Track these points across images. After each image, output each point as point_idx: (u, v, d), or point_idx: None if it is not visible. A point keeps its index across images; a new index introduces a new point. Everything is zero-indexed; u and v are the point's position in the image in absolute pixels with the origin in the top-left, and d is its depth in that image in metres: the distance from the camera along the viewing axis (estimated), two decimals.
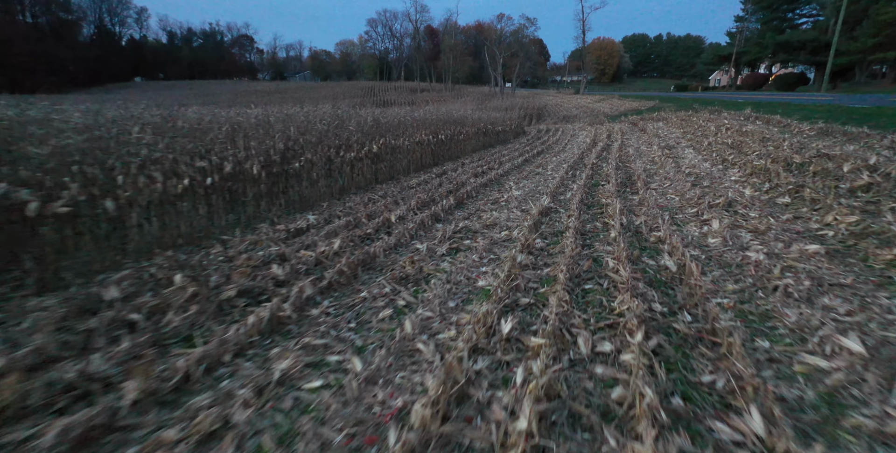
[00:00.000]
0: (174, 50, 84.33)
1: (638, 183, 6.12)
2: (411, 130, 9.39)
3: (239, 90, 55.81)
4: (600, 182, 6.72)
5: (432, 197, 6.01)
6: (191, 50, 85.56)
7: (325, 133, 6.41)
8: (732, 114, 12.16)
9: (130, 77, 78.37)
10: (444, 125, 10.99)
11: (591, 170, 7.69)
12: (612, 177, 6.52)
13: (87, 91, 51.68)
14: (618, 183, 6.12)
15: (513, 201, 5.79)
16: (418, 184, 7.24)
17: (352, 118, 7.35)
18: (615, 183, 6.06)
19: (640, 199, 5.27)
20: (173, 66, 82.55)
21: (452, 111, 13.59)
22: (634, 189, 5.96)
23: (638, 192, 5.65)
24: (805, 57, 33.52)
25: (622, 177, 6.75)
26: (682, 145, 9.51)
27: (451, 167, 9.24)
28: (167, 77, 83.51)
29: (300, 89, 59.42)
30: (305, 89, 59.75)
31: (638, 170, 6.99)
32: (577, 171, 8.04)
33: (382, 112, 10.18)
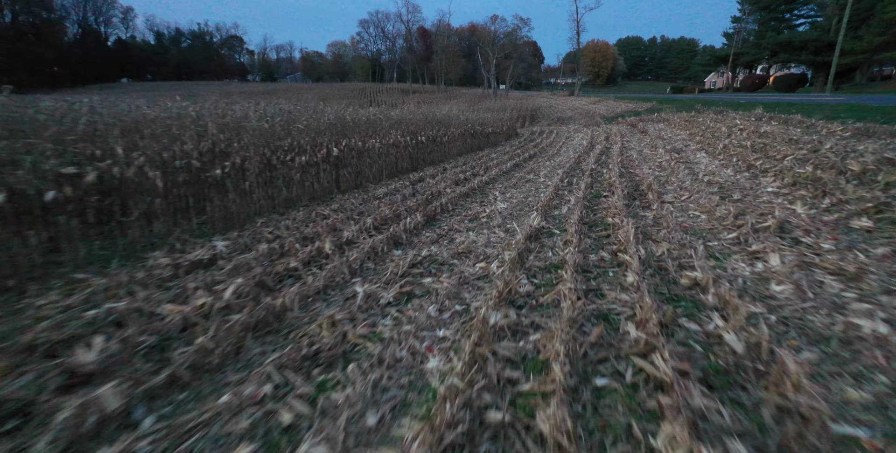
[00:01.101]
0: (162, 50, 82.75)
1: (649, 194, 5.00)
2: (385, 131, 8.25)
3: (225, 91, 54.46)
4: (602, 192, 5.60)
5: (398, 211, 4.86)
6: (179, 50, 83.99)
7: (268, 133, 5.24)
8: (741, 115, 11.13)
9: (117, 78, 76.66)
10: (426, 126, 9.86)
11: (591, 178, 6.58)
12: (617, 186, 5.41)
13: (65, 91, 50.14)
14: (624, 194, 5.00)
15: (496, 217, 4.65)
16: (387, 193, 6.10)
17: (302, 115, 6.19)
18: (621, 194, 4.94)
19: (655, 217, 4.15)
20: (161, 67, 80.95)
21: (436, 111, 12.45)
22: (645, 202, 4.84)
23: (651, 207, 4.53)
24: (807, 57, 32.66)
25: (628, 187, 5.64)
26: (691, 148, 8.44)
27: (431, 172, 8.10)
28: (155, 78, 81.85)
29: (289, 91, 58.13)
30: (295, 91, 58.47)
31: (646, 178, 5.89)
32: (574, 179, 6.92)
33: (355, 110, 9.04)
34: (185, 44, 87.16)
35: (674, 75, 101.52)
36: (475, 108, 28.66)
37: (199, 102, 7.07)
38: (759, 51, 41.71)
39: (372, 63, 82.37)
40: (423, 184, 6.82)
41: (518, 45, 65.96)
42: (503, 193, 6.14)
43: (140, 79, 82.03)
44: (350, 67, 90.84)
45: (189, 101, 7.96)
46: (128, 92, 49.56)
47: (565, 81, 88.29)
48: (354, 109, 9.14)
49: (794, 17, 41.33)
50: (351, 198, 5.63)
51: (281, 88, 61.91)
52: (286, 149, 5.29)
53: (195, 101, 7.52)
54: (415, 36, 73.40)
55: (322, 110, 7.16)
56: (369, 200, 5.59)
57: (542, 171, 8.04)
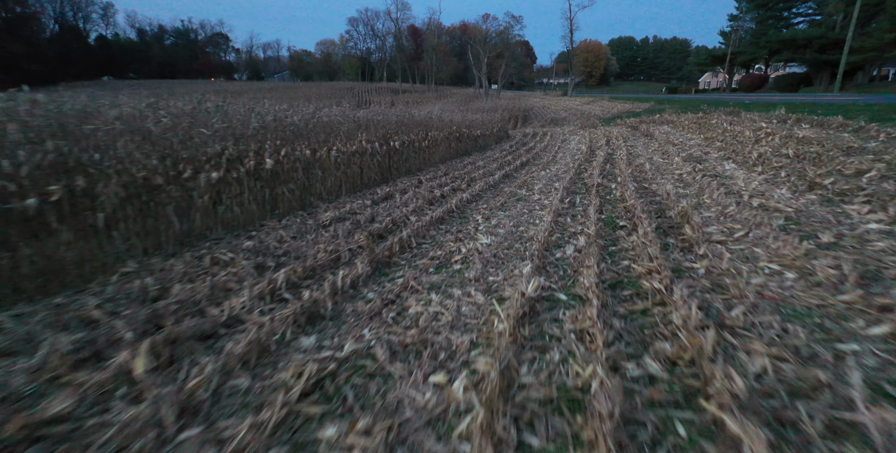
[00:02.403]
0: (144, 48, 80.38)
1: (685, 227, 3.63)
2: (348, 135, 6.83)
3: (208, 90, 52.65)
4: (617, 220, 4.22)
5: (338, 251, 3.45)
6: (162, 48, 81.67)
7: (159, 140, 3.78)
8: (761, 116, 9.84)
9: (98, 76, 74.23)
10: (400, 128, 8.44)
11: (598, 197, 5.22)
12: (638, 212, 4.04)
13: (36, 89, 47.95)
14: (652, 227, 3.62)
15: (473, 264, 3.26)
16: (337, 218, 4.68)
17: (215, 114, 4.73)
18: (647, 227, 3.57)
19: (708, 271, 2.77)
20: (144, 66, 78.65)
21: (415, 111, 11.04)
22: (683, 239, 3.46)
23: (695, 249, 3.16)
24: (811, 55, 31.49)
25: (651, 212, 4.27)
26: (713, 157, 7.11)
27: (404, 186, 6.69)
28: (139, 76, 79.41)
29: (274, 90, 56.38)
30: (281, 90, 56.73)
31: (672, 198, 4.53)
32: (577, 197, 5.55)
33: (317, 110, 7.59)
34: (169, 41, 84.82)
35: (666, 75, 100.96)
36: (464, 109, 27.30)
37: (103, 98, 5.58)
38: (758, 50, 40.66)
39: (361, 62, 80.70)
40: (389, 204, 5.41)
41: (510, 45, 64.74)
42: (487, 219, 4.74)
43: (122, 77, 79.57)
44: (340, 66, 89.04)
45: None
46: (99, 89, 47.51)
47: (558, 81, 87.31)
48: (317, 109, 7.70)
49: (792, 16, 40.39)
50: (283, 229, 4.19)
51: (266, 87, 60.10)
52: (190, 161, 3.84)
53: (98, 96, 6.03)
54: (405, 34, 71.88)
55: (262, 112, 5.70)
56: (308, 231, 4.16)
57: (537, 185, 6.66)
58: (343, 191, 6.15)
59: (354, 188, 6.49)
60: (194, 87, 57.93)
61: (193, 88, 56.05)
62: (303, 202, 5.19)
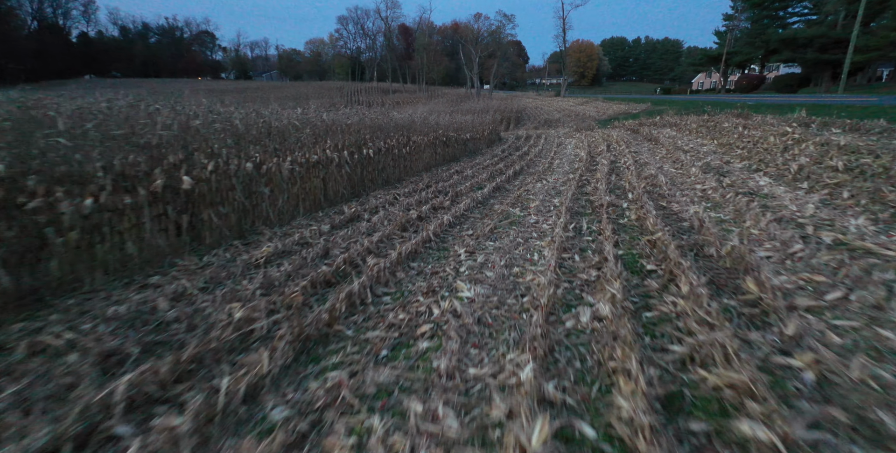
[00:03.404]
0: (128, 46, 78.33)
1: (747, 279, 2.61)
2: (311, 142, 5.76)
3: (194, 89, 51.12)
4: (642, 260, 3.20)
5: (256, 317, 2.39)
6: (146, 46, 79.61)
7: None
8: (779, 120, 8.92)
9: (80, 74, 72.09)
10: (376, 133, 7.37)
11: (611, 222, 4.20)
12: (672, 251, 3.01)
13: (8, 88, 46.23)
14: (699, 279, 2.58)
15: (449, 341, 2.22)
16: (281, 252, 3.61)
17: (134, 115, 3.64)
18: (693, 277, 2.54)
19: (816, 374, 1.75)
20: (127, 64, 76.65)
21: (395, 114, 9.98)
22: (748, 299, 2.43)
23: (772, 321, 2.14)
24: (812, 55, 30.74)
25: (684, 246, 3.25)
26: (736, 167, 6.13)
27: (377, 203, 5.63)
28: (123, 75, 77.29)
29: (261, 89, 54.99)
30: (267, 89, 55.34)
31: (707, 229, 3.50)
32: (582, 220, 4.53)
33: (275, 112, 6.50)
34: (154, 39, 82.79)
35: (658, 76, 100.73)
36: (454, 109, 26.29)
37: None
38: (754, 50, 39.98)
39: (352, 61, 79.33)
40: (353, 230, 4.34)
41: (502, 44, 63.85)
42: (472, 253, 3.70)
43: (105, 75, 77.37)
44: (330, 66, 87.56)
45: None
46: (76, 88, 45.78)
47: (550, 81, 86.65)
48: (274, 110, 6.61)
49: (788, 15, 39.75)
50: (196, 273, 3.10)
51: (252, 87, 58.63)
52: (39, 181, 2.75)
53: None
54: (395, 33, 70.72)
55: (193, 113, 4.60)
56: (230, 275, 3.08)
57: (533, 201, 5.64)
58: (300, 210, 5.07)
59: (315, 206, 5.42)
60: (178, 86, 56.29)
61: (176, 87, 54.45)
62: (241, 229, 4.10)
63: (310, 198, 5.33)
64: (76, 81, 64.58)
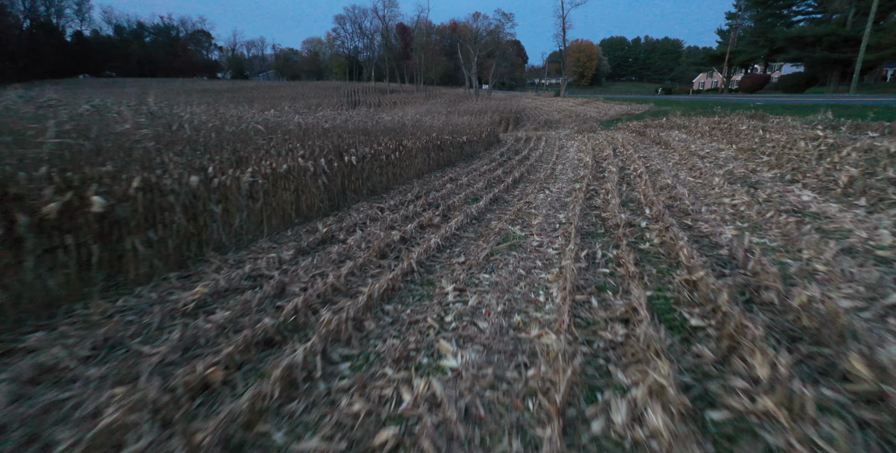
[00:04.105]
0: (123, 45, 77.44)
1: (849, 358, 1.88)
2: (285, 148, 5.04)
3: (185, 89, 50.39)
4: (683, 311, 2.47)
5: (126, 423, 1.66)
6: (141, 45, 78.71)
7: None
8: (802, 122, 8.21)
9: (74, 73, 71.17)
10: (358, 137, 6.65)
11: (633, 250, 3.49)
12: (724, 301, 2.29)
13: None
14: (774, 350, 1.86)
15: (422, 449, 1.49)
16: (222, 291, 2.89)
17: None
18: (768, 349, 1.81)
19: None
20: (122, 63, 75.77)
21: (385, 116, 9.27)
22: (859, 394, 1.71)
23: None
24: (821, 53, 29.94)
25: (731, 285, 2.53)
26: (766, 177, 5.42)
27: (356, 219, 4.91)
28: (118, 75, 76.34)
29: (257, 89, 54.26)
30: (263, 89, 54.58)
31: (767, 271, 2.77)
32: (595, 244, 3.81)
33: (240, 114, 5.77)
34: (149, 39, 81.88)
35: (658, 76, 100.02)
36: (452, 110, 25.58)
37: None
38: (757, 49, 39.22)
39: (349, 61, 78.51)
40: (322, 257, 3.62)
41: (501, 44, 63.06)
42: (462, 292, 2.98)
43: (100, 75, 76.39)
44: (327, 65, 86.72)
45: None
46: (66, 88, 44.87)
47: (549, 81, 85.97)
48: (239, 111, 5.88)
49: (793, 13, 38.95)
50: (80, 333, 2.36)
51: (248, 86, 57.85)
52: None
53: None
54: (393, 32, 69.93)
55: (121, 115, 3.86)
56: (125, 337, 2.35)
57: (536, 217, 4.93)
58: (265, 229, 4.34)
59: (285, 223, 4.69)
60: (172, 86, 55.45)
61: (170, 87, 53.61)
62: (181, 258, 3.37)
63: (277, 215, 4.60)
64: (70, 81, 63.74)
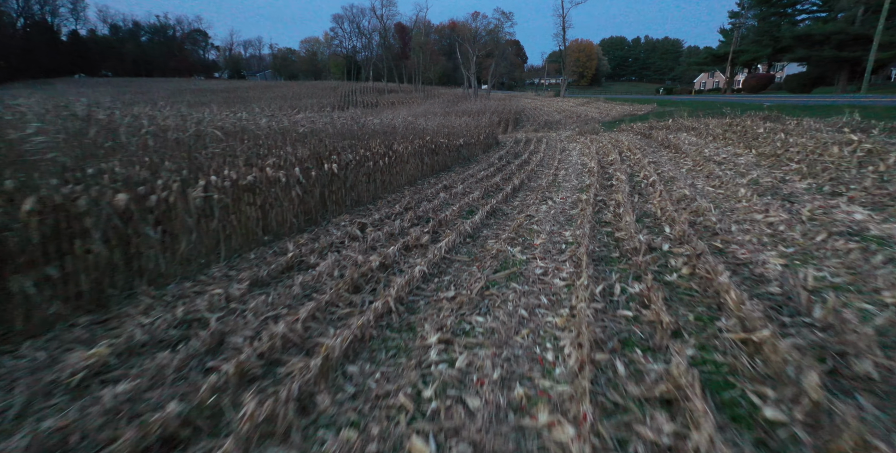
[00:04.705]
0: (118, 45, 76.67)
1: None
2: (254, 155, 4.40)
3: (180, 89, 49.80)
4: (746, 390, 1.83)
5: None
6: (137, 45, 77.95)
7: None
8: (824, 124, 7.58)
9: (69, 73, 70.40)
10: (339, 143, 6.00)
11: (655, 280, 2.86)
12: (813, 388, 1.65)
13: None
14: None
15: None
16: (137, 347, 2.25)
17: None
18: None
19: None
20: (117, 63, 75.03)
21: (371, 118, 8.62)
22: None
23: None
24: (830, 52, 29.22)
25: (803, 347, 1.89)
26: (799, 188, 4.78)
27: (332, 239, 4.28)
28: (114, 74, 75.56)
29: (252, 89, 53.63)
30: (259, 89, 53.96)
31: (863, 339, 2.13)
32: (611, 275, 3.18)
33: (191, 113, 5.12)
34: (145, 38, 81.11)
35: (658, 76, 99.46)
36: (450, 110, 24.96)
37: None
38: (761, 48, 38.56)
39: (347, 61, 77.82)
40: (281, 293, 2.98)
41: (500, 43, 62.39)
42: (449, 346, 2.36)
43: (96, 74, 75.58)
44: (325, 65, 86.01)
45: None
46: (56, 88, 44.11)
47: (549, 81, 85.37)
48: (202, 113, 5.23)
49: (797, 12, 38.29)
50: None
51: (243, 86, 57.16)
52: None
53: None
54: (391, 32, 69.25)
55: None
56: None
57: (539, 235, 4.30)
58: (222, 253, 3.70)
59: (249, 243, 4.05)
60: (167, 85, 54.73)
61: (165, 87, 52.90)
62: (99, 298, 2.72)
63: (240, 234, 3.96)
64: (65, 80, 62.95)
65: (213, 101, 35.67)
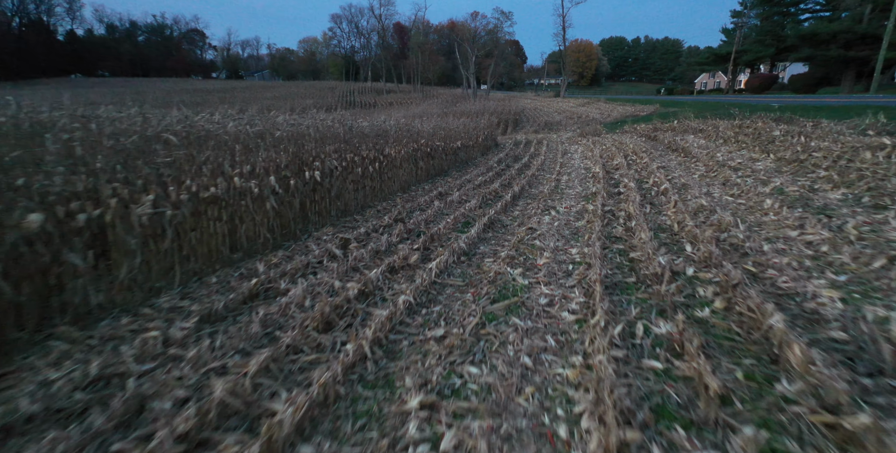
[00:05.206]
0: (115, 44, 76.10)
1: None
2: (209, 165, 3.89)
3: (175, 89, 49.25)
4: None
5: None
6: (134, 44, 77.37)
7: None
8: (847, 126, 7.09)
9: (65, 73, 69.79)
10: (325, 147, 5.48)
11: (691, 323, 2.36)
12: None
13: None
14: None
15: None
16: (15, 428, 1.72)
17: None
18: None
19: None
20: (114, 62, 74.44)
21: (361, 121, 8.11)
22: None
23: None
24: (837, 51, 28.65)
25: None
26: (833, 199, 4.29)
27: (311, 257, 3.78)
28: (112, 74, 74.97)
29: (249, 89, 53.06)
30: (255, 89, 53.43)
31: None
32: (631, 311, 2.66)
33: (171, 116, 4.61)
34: (142, 37, 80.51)
35: (658, 76, 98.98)
36: (448, 111, 24.47)
37: None
38: (764, 48, 38.05)
39: (346, 61, 77.29)
40: (229, 335, 2.48)
41: (500, 43, 61.90)
42: (433, 412, 1.85)
43: (92, 74, 74.94)
44: (324, 65, 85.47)
45: None
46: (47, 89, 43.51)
47: (549, 82, 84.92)
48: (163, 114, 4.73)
49: (800, 12, 37.75)
50: None
51: (240, 87, 56.62)
52: None
53: None
54: (390, 32, 68.74)
55: None
56: None
57: (543, 253, 3.80)
58: (177, 277, 3.19)
59: (211, 264, 3.54)
60: (163, 86, 54.15)
61: (161, 87, 52.33)
62: (2, 342, 2.21)
63: (200, 254, 3.45)
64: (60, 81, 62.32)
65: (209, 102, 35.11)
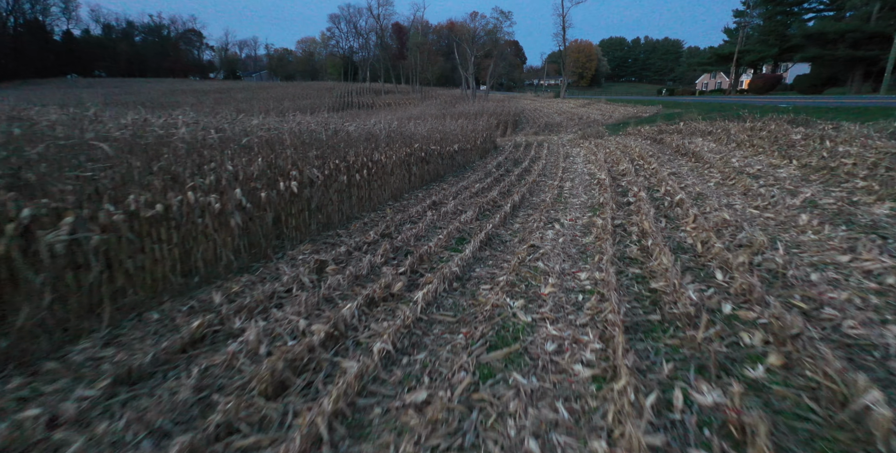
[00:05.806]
0: (111, 45, 75.54)
1: None
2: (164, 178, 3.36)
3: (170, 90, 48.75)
4: None
5: None
6: (131, 45, 76.81)
7: None
8: (865, 129, 6.57)
9: (61, 73, 69.19)
10: (302, 153, 4.93)
11: (732, 377, 1.81)
12: None
13: None
14: None
15: None
16: None
17: None
18: None
19: None
20: (111, 63, 73.88)
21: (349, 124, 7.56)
22: None
23: None
24: (844, 51, 28.10)
25: None
26: (883, 217, 3.75)
27: (278, 285, 3.26)
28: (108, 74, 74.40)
29: (246, 89, 52.52)
30: (252, 89, 52.86)
31: None
32: (662, 369, 2.12)
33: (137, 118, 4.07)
34: (139, 38, 79.94)
35: (658, 77, 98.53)
36: (446, 112, 23.95)
37: None
38: (767, 47, 37.52)
39: (344, 61, 76.77)
40: (157, 399, 1.93)
41: (499, 44, 61.38)
42: None
43: (88, 75, 74.35)
44: (322, 66, 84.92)
45: None
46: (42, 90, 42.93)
47: (548, 82, 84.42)
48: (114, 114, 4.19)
49: (804, 11, 37.23)
50: None
51: (237, 87, 56.05)
52: None
53: None
54: (388, 32, 68.23)
55: None
56: None
57: (547, 279, 3.27)
58: (105, 316, 2.64)
59: (157, 295, 3.00)
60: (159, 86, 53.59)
61: (157, 87, 51.78)
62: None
63: (143, 284, 2.91)
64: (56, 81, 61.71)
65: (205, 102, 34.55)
